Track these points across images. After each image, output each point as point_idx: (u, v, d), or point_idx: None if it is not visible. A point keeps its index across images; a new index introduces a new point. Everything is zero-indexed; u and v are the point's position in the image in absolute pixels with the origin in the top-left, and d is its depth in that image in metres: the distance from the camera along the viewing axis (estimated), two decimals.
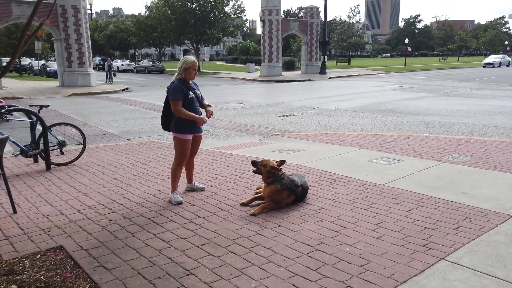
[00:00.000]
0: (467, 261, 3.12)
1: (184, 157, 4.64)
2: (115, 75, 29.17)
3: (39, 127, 6.16)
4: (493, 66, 45.89)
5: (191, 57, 4.57)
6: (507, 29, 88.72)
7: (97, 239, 3.59)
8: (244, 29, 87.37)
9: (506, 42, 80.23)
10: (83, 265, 3.14)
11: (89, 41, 24.96)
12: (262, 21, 34.29)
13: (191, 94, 4.56)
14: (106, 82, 27.30)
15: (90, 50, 25.12)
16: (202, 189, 4.98)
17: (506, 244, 3.40)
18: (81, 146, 6.73)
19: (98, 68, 49.35)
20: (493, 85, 22.02)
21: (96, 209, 4.35)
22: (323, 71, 34.96)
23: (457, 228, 3.72)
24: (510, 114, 11.52)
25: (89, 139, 8.63)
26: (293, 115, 12.39)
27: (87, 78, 24.43)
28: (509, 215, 4.01)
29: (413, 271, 2.97)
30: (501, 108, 12.77)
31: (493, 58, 49.70)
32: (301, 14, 52.29)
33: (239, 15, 44.79)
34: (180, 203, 4.50)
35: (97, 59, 52.45)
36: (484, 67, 46.25)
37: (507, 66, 47.75)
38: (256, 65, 43.96)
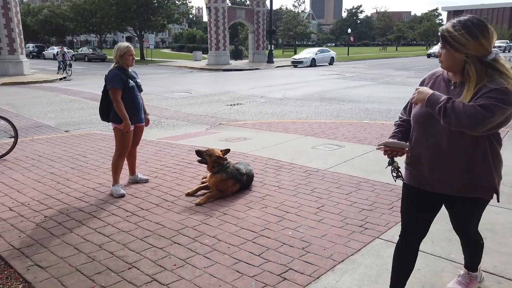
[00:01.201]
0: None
1: (125, 148, 4.49)
2: (70, 65, 24.19)
3: None
4: (304, 65, 30.50)
5: (124, 43, 4.41)
6: (440, 21, 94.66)
7: (31, 237, 3.39)
8: (190, 16, 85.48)
9: (439, 33, 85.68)
10: (15, 265, 2.96)
11: (20, 26, 23.11)
12: (208, 8, 33.74)
13: (132, 82, 4.41)
14: (62, 73, 23.82)
15: (22, 36, 23.28)
16: (146, 181, 4.86)
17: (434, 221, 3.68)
18: (12, 140, 6.27)
19: (32, 55, 46.00)
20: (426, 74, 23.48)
21: (30, 206, 4.09)
22: (270, 60, 35.25)
23: (391, 208, 3.97)
24: None
25: (23, 132, 8.07)
26: (241, 104, 12.41)
27: (19, 66, 22.67)
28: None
29: (350, 251, 3.14)
30: None
31: (306, 53, 32.73)
32: (248, 2, 52.13)
33: (184, 2, 43.63)
34: (122, 195, 4.36)
35: (31, 45, 48.86)
36: (295, 66, 30.94)
37: (330, 64, 32.64)
38: (203, 53, 43.30)
